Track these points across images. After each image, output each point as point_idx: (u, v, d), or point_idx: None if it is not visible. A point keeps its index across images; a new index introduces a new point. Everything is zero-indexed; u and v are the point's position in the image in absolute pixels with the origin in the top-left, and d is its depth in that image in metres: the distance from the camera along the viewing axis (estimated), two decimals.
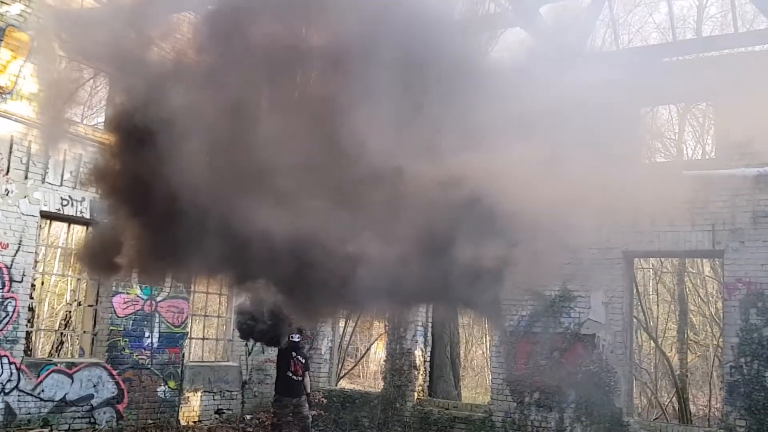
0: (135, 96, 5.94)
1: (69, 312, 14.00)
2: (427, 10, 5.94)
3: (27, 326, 10.43)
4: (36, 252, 10.55)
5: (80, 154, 10.70)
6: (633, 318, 12.03)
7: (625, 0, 18.95)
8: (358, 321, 16.99)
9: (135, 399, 11.50)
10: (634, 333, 12.83)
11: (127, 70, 6.21)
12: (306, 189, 5.51)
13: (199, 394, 12.72)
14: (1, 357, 9.75)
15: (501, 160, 5.34)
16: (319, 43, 5.99)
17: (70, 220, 11.28)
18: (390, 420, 12.78)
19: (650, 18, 19.76)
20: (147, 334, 11.77)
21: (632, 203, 8.27)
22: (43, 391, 10.25)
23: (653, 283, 17.95)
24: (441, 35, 5.74)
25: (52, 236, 15.04)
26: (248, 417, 13.22)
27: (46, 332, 15.44)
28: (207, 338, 15.63)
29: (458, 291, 5.76)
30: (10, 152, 10.03)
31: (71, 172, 10.77)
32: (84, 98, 13.18)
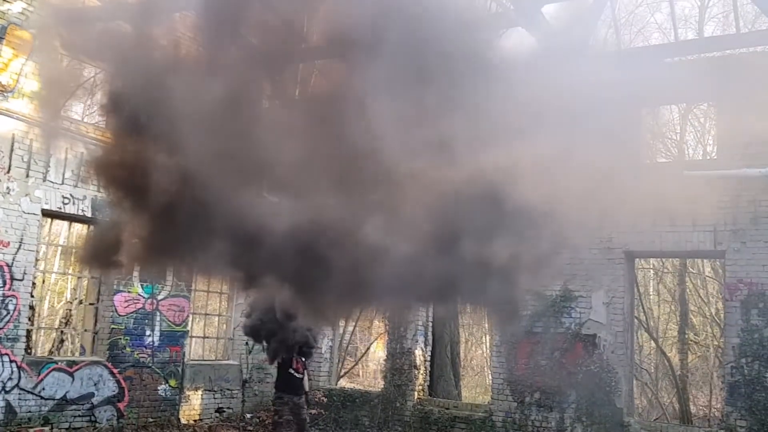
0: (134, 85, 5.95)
1: (69, 310, 14.00)
2: (441, 4, 5.97)
3: (28, 324, 10.43)
4: (37, 250, 10.55)
5: (81, 153, 10.70)
6: (634, 318, 12.03)
7: (627, 0, 18.96)
8: (358, 320, 16.98)
9: (136, 397, 11.50)
10: (635, 333, 12.82)
11: (127, 69, 6.21)
12: (317, 183, 5.51)
13: (200, 393, 12.72)
14: (2, 355, 9.76)
15: (516, 155, 5.34)
16: (332, 36, 6.00)
17: (72, 219, 11.28)
18: (390, 419, 12.78)
19: (652, 18, 19.74)
20: (148, 333, 11.77)
21: (635, 202, 8.26)
22: (44, 390, 10.25)
23: (654, 284, 17.95)
24: (457, 29, 5.76)
25: (53, 234, 15.03)
26: (249, 415, 13.22)
27: (47, 330, 15.44)
28: (208, 337, 15.65)
29: (474, 288, 5.76)
30: (12, 150, 10.03)
31: (72, 171, 10.78)
32: (85, 96, 13.17)
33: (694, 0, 20.38)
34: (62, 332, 13.83)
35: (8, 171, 9.98)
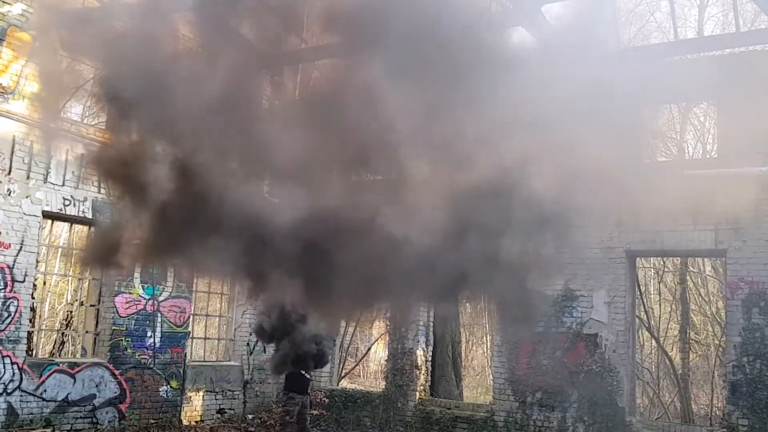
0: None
1: (70, 312, 13.99)
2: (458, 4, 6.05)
3: (29, 326, 10.42)
4: (38, 252, 10.55)
5: (82, 154, 10.69)
6: (635, 317, 12.03)
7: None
8: (359, 321, 16.97)
9: (137, 399, 11.50)
10: (636, 332, 12.82)
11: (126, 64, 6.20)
12: (327, 176, 5.52)
13: (201, 394, 12.72)
14: (4, 357, 9.75)
15: (530, 150, 5.36)
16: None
17: (72, 220, 11.27)
18: (392, 420, 12.77)
19: (651, 17, 19.71)
20: (149, 334, 11.76)
21: (637, 200, 8.27)
22: (46, 391, 10.24)
23: (654, 283, 17.94)
24: (474, 26, 5.80)
25: (54, 236, 15.02)
26: (250, 416, 13.22)
27: (48, 332, 15.43)
28: (209, 338, 15.65)
29: (486, 284, 5.75)
30: (12, 152, 10.02)
31: (73, 172, 10.77)
32: (85, 97, 13.16)
33: None
34: (63, 334, 13.82)
35: (9, 173, 9.97)
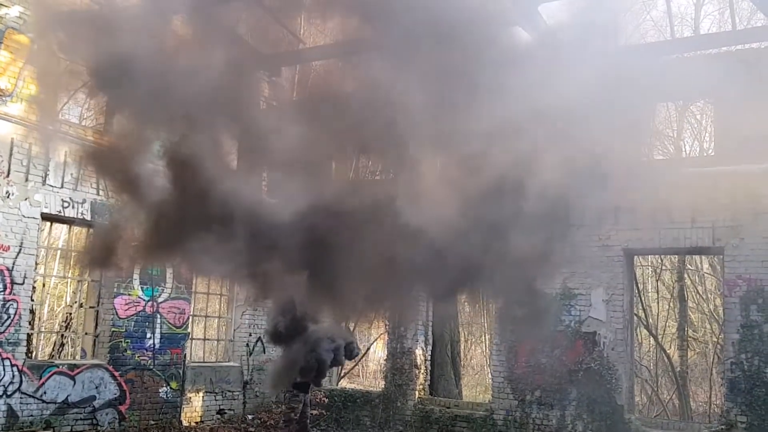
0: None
1: (69, 314, 13.99)
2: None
3: (28, 328, 10.42)
4: (37, 254, 10.55)
5: (80, 156, 10.68)
6: (633, 315, 12.06)
7: None
8: (358, 321, 16.97)
9: (137, 400, 11.51)
10: (635, 330, 12.85)
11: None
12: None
13: (201, 395, 12.73)
14: (3, 359, 9.76)
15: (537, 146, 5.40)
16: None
17: (71, 222, 11.27)
18: (391, 419, 12.80)
19: (648, 16, 19.75)
20: (148, 335, 11.77)
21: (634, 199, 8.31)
22: (45, 393, 10.25)
23: (652, 281, 17.98)
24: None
25: (53, 238, 15.01)
26: (250, 417, 13.22)
27: (47, 334, 15.42)
28: (208, 339, 15.65)
29: (507, 280, 5.78)
30: (11, 154, 10.03)
31: (72, 174, 10.77)
32: (83, 100, 13.16)
33: None
34: (63, 336, 13.81)
35: (7, 175, 9.97)
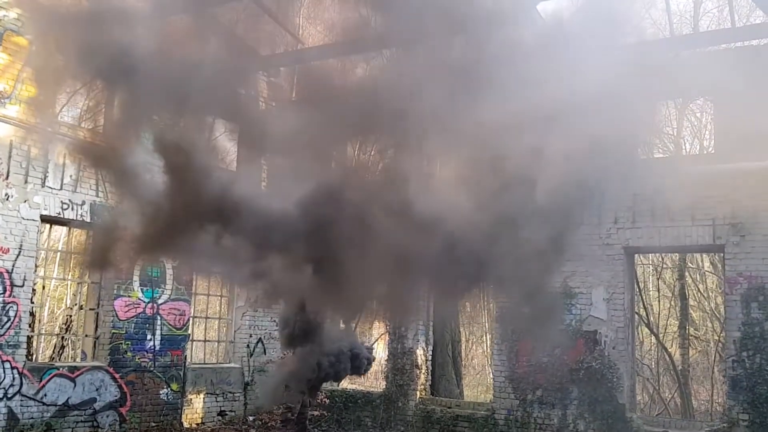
0: None
1: (69, 316, 13.98)
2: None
3: (28, 331, 10.41)
4: (36, 256, 10.54)
5: (79, 157, 10.68)
6: (634, 314, 12.04)
7: None
8: (359, 321, 16.96)
9: (138, 402, 11.49)
10: (636, 329, 12.83)
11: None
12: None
13: (202, 396, 12.71)
14: (4, 362, 9.75)
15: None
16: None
17: (71, 224, 11.26)
18: (393, 419, 12.78)
19: (647, 13, 19.73)
20: (149, 337, 11.76)
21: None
22: (46, 396, 10.24)
23: (653, 279, 17.96)
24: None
25: (53, 240, 15.01)
26: (251, 418, 13.21)
27: (47, 336, 15.41)
28: (209, 340, 15.64)
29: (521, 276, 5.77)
30: (10, 156, 10.02)
31: (71, 176, 10.76)
32: (81, 101, 13.14)
33: None
34: (63, 338, 13.80)
35: (7, 177, 9.96)
